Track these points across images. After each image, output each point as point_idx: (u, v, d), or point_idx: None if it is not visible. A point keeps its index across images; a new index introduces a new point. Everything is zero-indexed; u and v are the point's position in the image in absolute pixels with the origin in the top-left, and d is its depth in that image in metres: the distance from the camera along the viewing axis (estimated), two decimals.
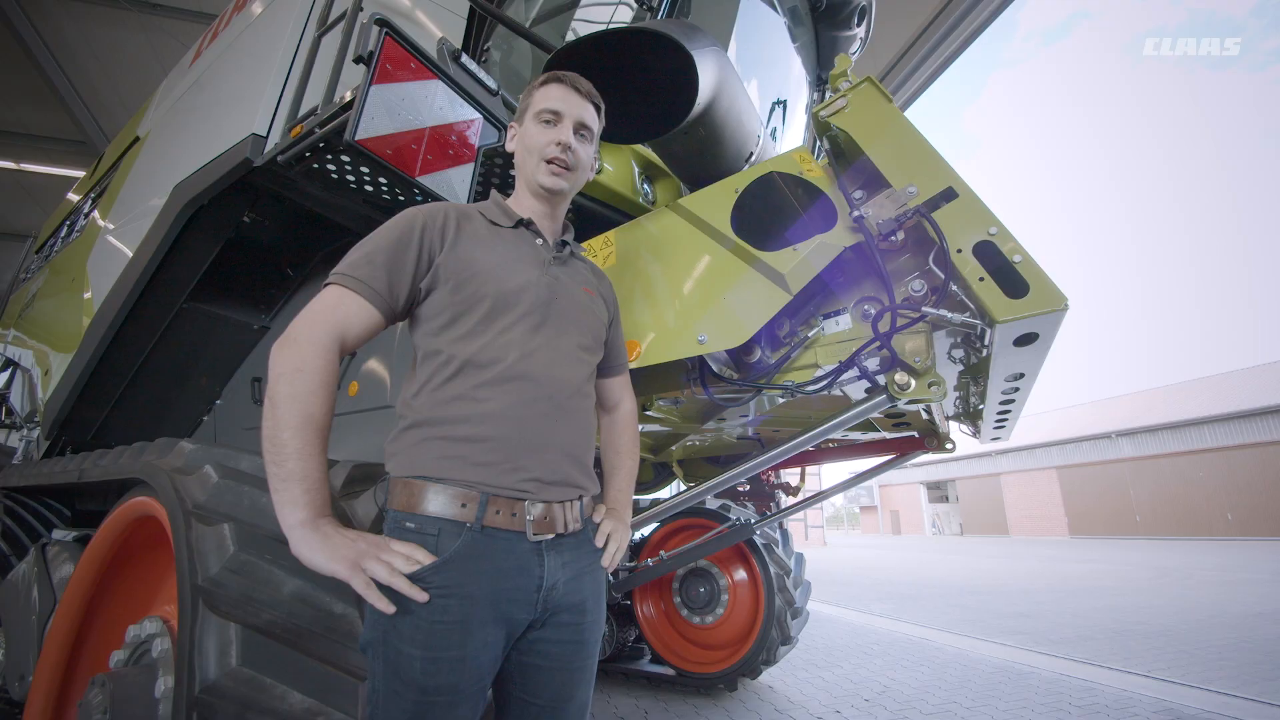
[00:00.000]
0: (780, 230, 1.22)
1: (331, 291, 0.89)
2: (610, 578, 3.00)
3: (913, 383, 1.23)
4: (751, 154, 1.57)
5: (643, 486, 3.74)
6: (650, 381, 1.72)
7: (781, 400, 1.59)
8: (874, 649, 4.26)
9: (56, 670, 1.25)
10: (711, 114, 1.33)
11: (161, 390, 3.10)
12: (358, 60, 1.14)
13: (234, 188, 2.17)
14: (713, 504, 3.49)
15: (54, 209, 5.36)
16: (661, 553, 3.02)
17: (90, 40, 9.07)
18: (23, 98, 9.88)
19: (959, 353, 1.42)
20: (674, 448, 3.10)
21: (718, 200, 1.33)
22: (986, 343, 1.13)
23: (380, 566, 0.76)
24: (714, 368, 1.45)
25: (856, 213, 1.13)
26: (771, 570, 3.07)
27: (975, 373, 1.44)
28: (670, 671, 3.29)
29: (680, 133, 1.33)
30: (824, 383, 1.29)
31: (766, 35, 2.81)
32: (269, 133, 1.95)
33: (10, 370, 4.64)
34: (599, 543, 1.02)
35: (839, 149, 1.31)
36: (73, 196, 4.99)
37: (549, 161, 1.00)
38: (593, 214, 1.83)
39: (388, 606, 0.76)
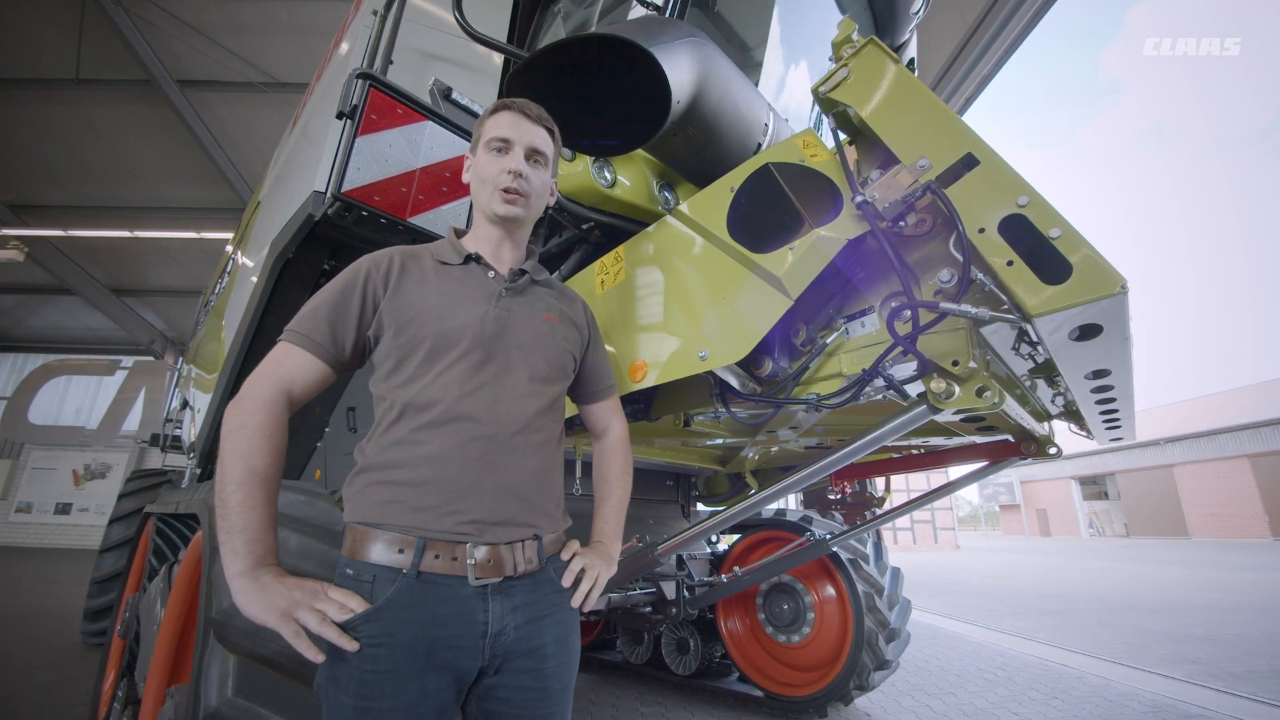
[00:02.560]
0: (778, 228, 1.10)
1: (278, 347, 0.92)
2: (687, 592, 2.92)
3: (956, 389, 1.05)
4: (760, 144, 1.44)
5: (717, 498, 3.62)
6: (680, 397, 1.64)
7: (819, 411, 1.44)
8: (998, 675, 3.74)
9: (161, 678, 1.44)
10: (699, 110, 1.23)
11: None
12: (340, 116, 1.19)
13: (310, 239, 2.40)
14: (794, 516, 3.29)
15: None
16: (736, 568, 2.89)
17: (240, 121, 10.72)
18: (198, 178, 11.91)
19: (1027, 348, 1.19)
20: (749, 457, 2.97)
21: (714, 202, 1.22)
22: (1035, 339, 0.93)
23: (311, 616, 0.77)
24: (735, 382, 1.34)
25: (860, 198, 0.98)
26: (859, 588, 2.81)
27: (1046, 372, 1.20)
28: (758, 692, 3.13)
29: (669, 135, 1.25)
30: (847, 395, 1.14)
31: (812, 6, 2.61)
32: (327, 187, 2.15)
33: (185, 407, 5.58)
34: (566, 582, 0.97)
35: (850, 127, 1.15)
36: (229, 249, 5.92)
37: (503, 190, 0.99)
38: (620, 231, 1.79)
39: (316, 655, 0.77)
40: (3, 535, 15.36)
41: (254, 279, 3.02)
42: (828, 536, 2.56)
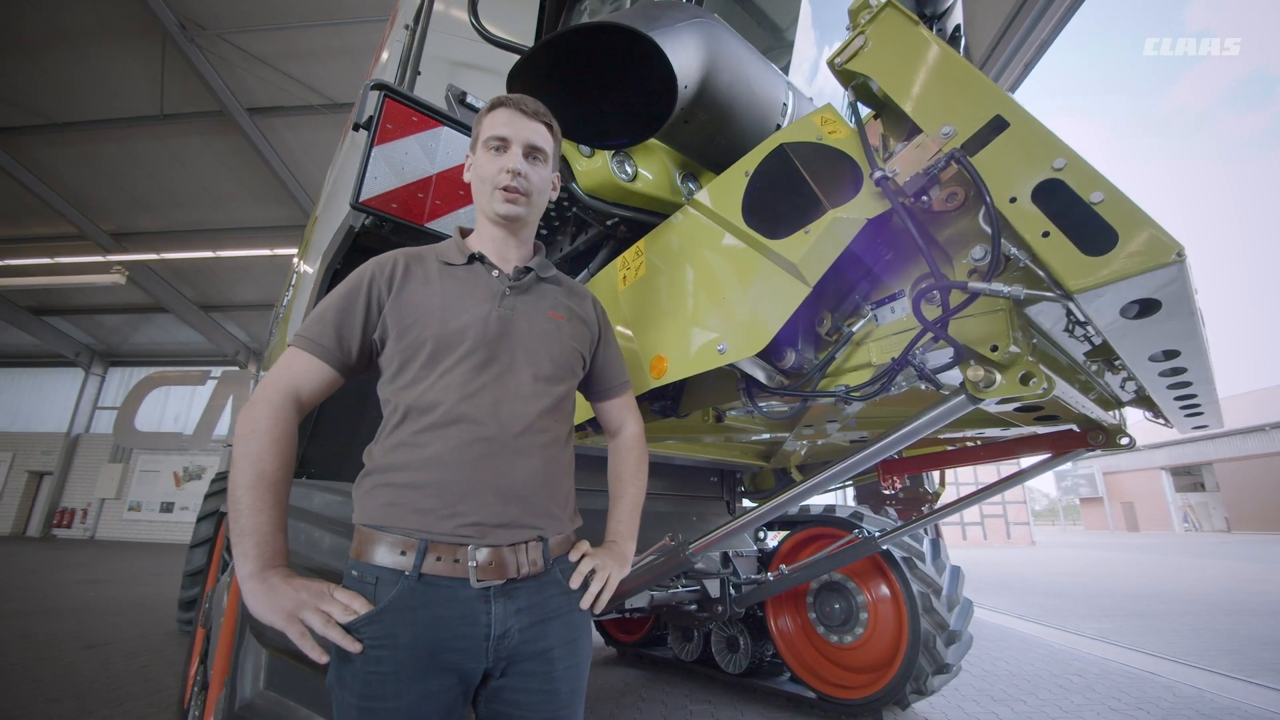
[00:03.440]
0: (793, 211, 1.04)
1: (286, 352, 0.94)
2: (732, 590, 2.87)
3: (997, 377, 0.97)
4: (779, 125, 1.37)
5: (764, 494, 3.54)
6: (708, 392, 1.60)
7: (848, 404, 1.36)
8: (1074, 681, 3.46)
9: (221, 667, 1.55)
10: (710, 94, 1.18)
11: (342, 423, 3.72)
12: (356, 128, 1.23)
13: (355, 250, 2.51)
14: (844, 512, 3.17)
15: None
16: (782, 566, 2.81)
17: (304, 143, 11.42)
18: (268, 199, 12.78)
19: (1081, 329, 1.08)
20: (794, 451, 2.88)
21: (729, 189, 1.18)
22: (1083, 319, 0.83)
23: (316, 617, 0.78)
24: (762, 376, 1.28)
25: (878, 173, 0.91)
26: (914, 588, 2.67)
27: (1105, 355, 1.09)
28: (810, 693, 3.04)
29: (679, 122, 1.20)
30: (877, 386, 1.07)
31: None
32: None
33: None
34: (575, 583, 0.95)
35: (874, 100, 1.08)
36: (295, 262, 6.32)
37: (502, 190, 0.98)
38: (646, 225, 1.77)
39: (320, 656, 0.79)
40: (118, 531, 17.13)
41: (310, 289, 3.18)
42: (877, 534, 2.44)
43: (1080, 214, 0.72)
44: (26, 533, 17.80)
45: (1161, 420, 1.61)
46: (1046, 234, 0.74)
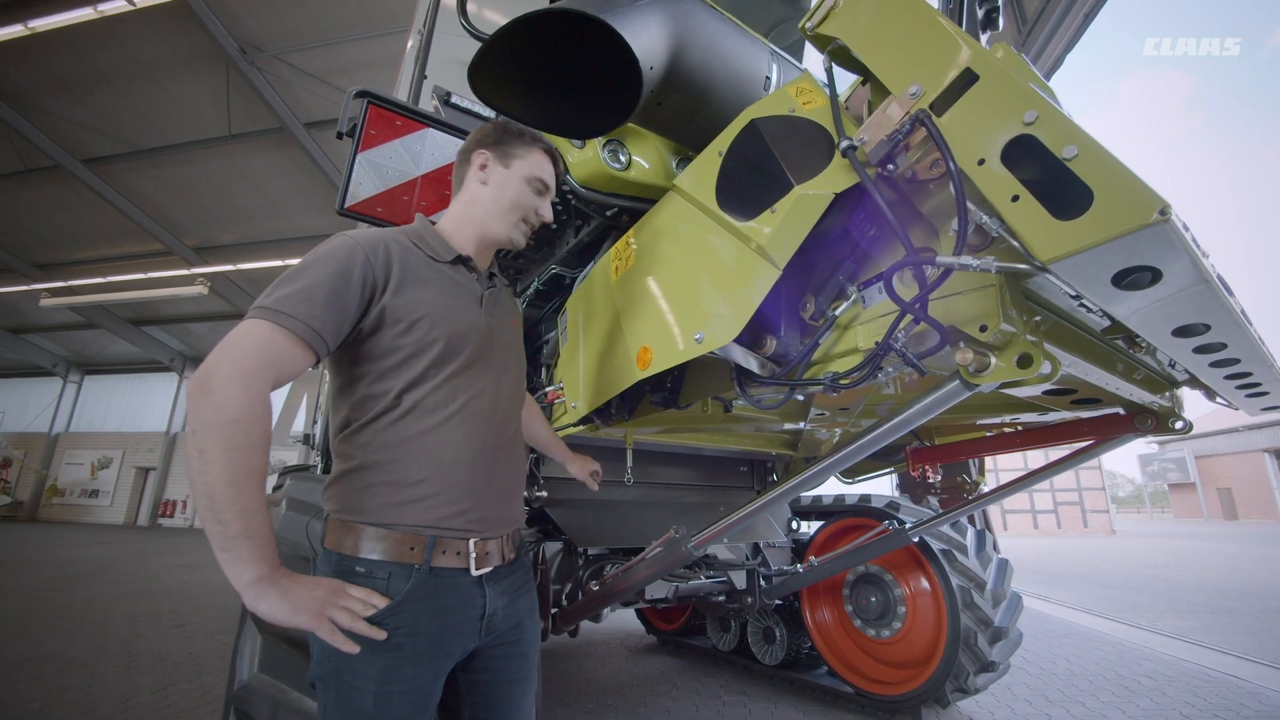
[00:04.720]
0: (760, 190, 0.98)
1: (263, 329, 0.80)
2: (762, 582, 2.82)
3: (992, 360, 0.88)
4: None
5: None
6: (704, 383, 1.56)
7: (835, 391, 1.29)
8: (1142, 684, 3.18)
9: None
10: (680, 73, 1.13)
11: None
12: (340, 136, 1.26)
13: None
14: (880, 502, 3.04)
15: None
16: (812, 558, 2.73)
17: None
18: (327, 208, 13.46)
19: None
20: (823, 439, 2.79)
21: (704, 170, 1.13)
22: (1073, 293, 0.74)
23: (342, 614, 0.81)
24: (754, 364, 1.24)
25: (844, 143, 0.85)
26: (954, 582, 2.53)
27: (1123, 332, 0.98)
28: (848, 688, 2.95)
29: (652, 106, 1.16)
30: (864, 372, 1.00)
31: None
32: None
33: (318, 409, 6.40)
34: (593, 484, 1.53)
35: (857, 65, 1.00)
36: None
37: (528, 224, 1.09)
38: (638, 214, 1.74)
39: (352, 648, 0.81)
40: None
41: None
42: (909, 524, 2.33)
43: (1053, 173, 0.63)
44: (136, 522, 19.81)
45: (1223, 402, 1.45)
46: (1016, 198, 0.66)
